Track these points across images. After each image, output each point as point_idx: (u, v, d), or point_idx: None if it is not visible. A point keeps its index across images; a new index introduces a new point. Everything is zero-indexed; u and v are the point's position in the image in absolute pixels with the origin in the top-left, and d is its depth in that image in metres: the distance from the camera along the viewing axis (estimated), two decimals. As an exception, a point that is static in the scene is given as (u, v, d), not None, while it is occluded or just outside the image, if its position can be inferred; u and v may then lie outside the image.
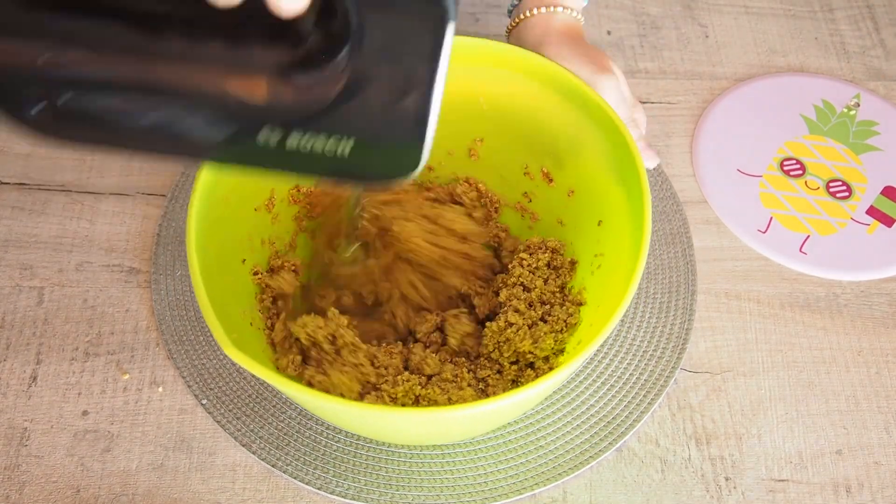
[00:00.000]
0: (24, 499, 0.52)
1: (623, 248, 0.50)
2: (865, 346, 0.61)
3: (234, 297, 0.50)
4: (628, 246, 0.49)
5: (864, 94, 0.74)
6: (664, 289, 0.62)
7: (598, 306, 0.51)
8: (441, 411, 0.42)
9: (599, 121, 0.53)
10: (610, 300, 0.48)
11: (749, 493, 0.54)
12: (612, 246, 0.52)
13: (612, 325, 0.44)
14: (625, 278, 0.47)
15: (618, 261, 0.50)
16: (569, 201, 0.57)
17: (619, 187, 0.52)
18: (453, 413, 0.42)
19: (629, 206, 0.50)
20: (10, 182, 0.66)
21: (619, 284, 0.47)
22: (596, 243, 0.54)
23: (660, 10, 0.80)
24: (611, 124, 0.52)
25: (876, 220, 0.67)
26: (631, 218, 0.50)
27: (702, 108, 0.73)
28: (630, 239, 0.49)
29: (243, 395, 0.56)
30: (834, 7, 0.81)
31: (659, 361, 0.58)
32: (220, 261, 0.49)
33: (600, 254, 0.53)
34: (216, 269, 0.47)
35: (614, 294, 0.47)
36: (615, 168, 0.52)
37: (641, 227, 0.48)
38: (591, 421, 0.56)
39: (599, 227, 0.54)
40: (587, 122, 0.54)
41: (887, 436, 0.57)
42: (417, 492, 0.53)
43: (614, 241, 0.52)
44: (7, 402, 0.56)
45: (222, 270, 0.49)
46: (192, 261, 0.45)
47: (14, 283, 0.61)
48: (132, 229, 0.64)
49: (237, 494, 0.53)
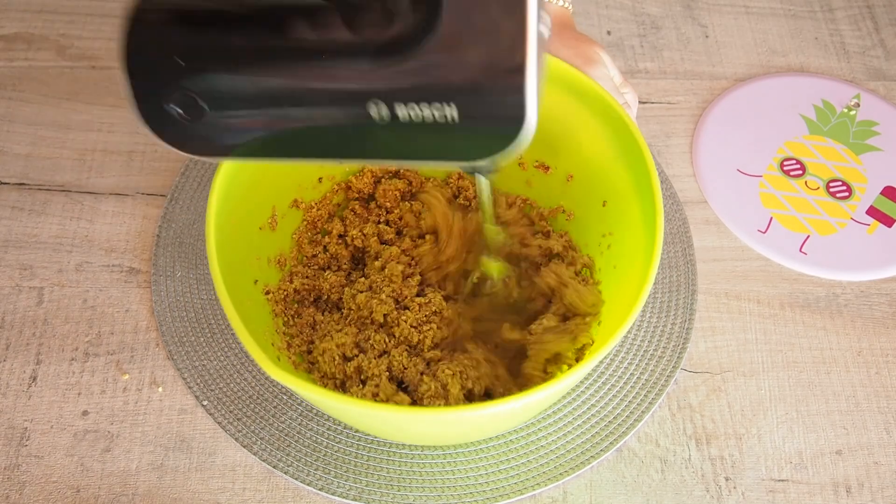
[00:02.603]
0: (24, 499, 0.52)
1: (634, 231, 0.51)
2: (865, 346, 0.61)
3: (256, 318, 0.51)
4: (640, 230, 0.50)
5: (864, 94, 0.74)
6: (664, 289, 0.62)
7: (613, 291, 0.51)
8: (444, 412, 0.42)
9: (596, 108, 0.53)
10: (624, 294, 0.48)
11: (749, 493, 0.54)
12: (620, 226, 0.53)
13: (633, 318, 0.44)
14: (639, 278, 0.47)
15: (629, 243, 0.51)
16: (568, 186, 0.58)
17: (623, 171, 0.52)
18: (457, 414, 0.42)
19: (636, 188, 0.51)
20: (10, 182, 0.66)
21: (632, 279, 0.48)
22: (602, 223, 0.55)
23: (660, 10, 0.80)
24: (609, 110, 0.52)
25: (876, 220, 0.67)
26: (639, 198, 0.50)
27: (702, 108, 0.73)
28: (642, 225, 0.50)
29: (244, 397, 0.56)
30: (834, 7, 0.81)
31: (659, 362, 0.58)
32: (237, 280, 0.49)
33: (609, 233, 0.54)
34: (238, 292, 0.48)
35: (628, 286, 0.48)
36: (618, 153, 0.52)
37: (654, 225, 0.48)
38: (592, 421, 0.56)
39: (604, 207, 0.54)
40: (584, 110, 0.54)
41: (887, 436, 0.57)
42: (419, 492, 0.53)
43: (623, 221, 0.52)
44: (7, 402, 0.56)
45: (240, 291, 0.49)
46: (218, 283, 0.45)
47: (14, 284, 0.61)
48: (132, 229, 0.64)
49: (237, 494, 0.53)
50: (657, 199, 0.48)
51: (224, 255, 0.47)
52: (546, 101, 0.55)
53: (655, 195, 0.48)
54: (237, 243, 0.50)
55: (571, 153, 0.56)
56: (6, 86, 0.71)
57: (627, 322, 0.44)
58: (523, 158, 0.59)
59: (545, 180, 0.59)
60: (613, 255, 0.54)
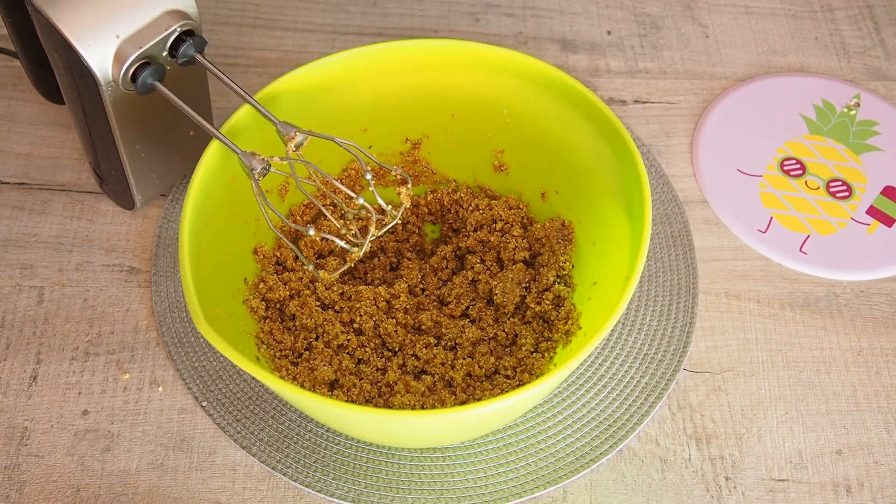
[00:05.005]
0: (24, 498, 0.52)
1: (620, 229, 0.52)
2: (865, 346, 0.61)
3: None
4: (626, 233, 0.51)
5: (864, 94, 0.74)
6: (665, 291, 0.62)
7: (602, 287, 0.52)
8: (422, 416, 0.42)
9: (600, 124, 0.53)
10: (611, 290, 0.49)
11: (749, 492, 0.55)
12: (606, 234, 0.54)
13: (619, 313, 0.45)
14: (624, 273, 0.47)
15: (615, 248, 0.52)
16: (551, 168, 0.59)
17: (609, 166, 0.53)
18: (438, 417, 0.42)
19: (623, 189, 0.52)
20: (10, 182, 0.66)
21: (621, 268, 0.49)
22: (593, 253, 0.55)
23: (660, 10, 0.80)
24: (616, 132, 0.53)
25: (876, 220, 0.67)
26: (626, 204, 0.51)
27: (702, 108, 0.73)
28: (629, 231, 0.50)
29: (243, 398, 0.56)
30: (834, 7, 0.81)
31: (660, 364, 0.58)
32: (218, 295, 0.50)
33: (595, 242, 0.55)
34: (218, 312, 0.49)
35: (615, 284, 0.48)
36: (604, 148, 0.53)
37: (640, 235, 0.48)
38: (592, 424, 0.56)
39: (594, 246, 0.55)
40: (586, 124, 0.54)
41: (887, 436, 0.57)
42: (418, 494, 0.53)
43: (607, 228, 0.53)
44: (7, 402, 0.56)
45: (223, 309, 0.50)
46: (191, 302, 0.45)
47: (14, 283, 0.61)
48: (132, 229, 0.64)
49: (237, 494, 0.53)
50: (646, 199, 0.49)
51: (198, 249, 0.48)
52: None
53: (644, 196, 0.49)
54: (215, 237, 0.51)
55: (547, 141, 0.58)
56: (6, 85, 0.71)
57: (612, 318, 0.44)
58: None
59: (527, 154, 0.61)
60: (601, 258, 0.54)
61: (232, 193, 0.53)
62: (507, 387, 0.53)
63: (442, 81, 0.58)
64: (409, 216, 0.62)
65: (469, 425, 0.48)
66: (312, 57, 0.64)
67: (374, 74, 0.57)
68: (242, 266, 0.55)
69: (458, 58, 0.56)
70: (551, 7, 0.79)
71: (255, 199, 0.49)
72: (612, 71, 0.75)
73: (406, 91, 0.58)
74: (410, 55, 0.56)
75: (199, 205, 0.49)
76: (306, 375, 0.53)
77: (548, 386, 0.43)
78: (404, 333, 0.56)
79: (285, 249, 0.58)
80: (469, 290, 0.58)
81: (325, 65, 0.55)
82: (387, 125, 0.60)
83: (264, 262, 0.56)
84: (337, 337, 0.55)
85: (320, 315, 0.55)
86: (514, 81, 0.56)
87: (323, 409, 0.44)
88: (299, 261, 0.57)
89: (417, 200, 0.62)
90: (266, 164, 0.49)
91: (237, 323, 0.52)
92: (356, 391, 0.53)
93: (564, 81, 0.55)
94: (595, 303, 0.52)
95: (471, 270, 0.59)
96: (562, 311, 0.54)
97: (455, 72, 0.57)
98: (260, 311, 0.54)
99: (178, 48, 0.52)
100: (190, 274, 0.46)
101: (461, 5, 0.79)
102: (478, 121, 0.59)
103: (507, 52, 0.55)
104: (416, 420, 0.43)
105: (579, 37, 0.77)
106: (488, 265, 0.59)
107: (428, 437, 0.50)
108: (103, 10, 0.50)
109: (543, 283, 0.56)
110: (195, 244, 0.48)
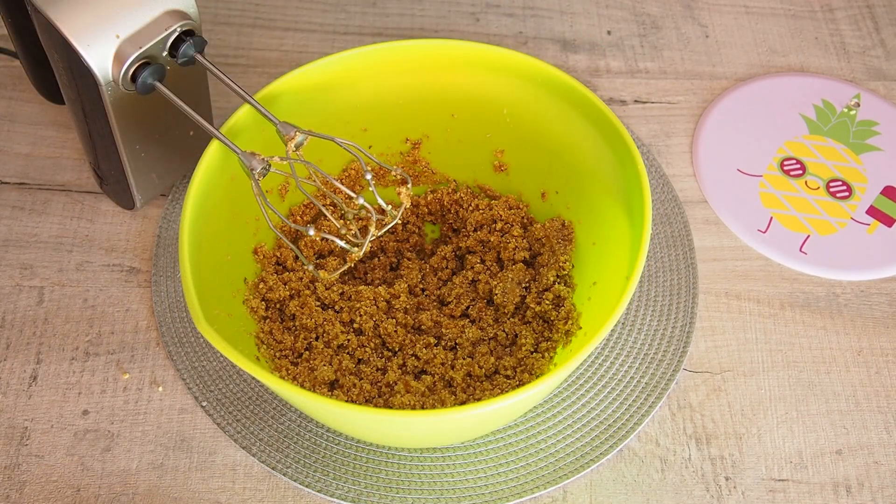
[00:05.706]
0: (24, 498, 0.52)
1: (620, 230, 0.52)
2: (865, 346, 0.61)
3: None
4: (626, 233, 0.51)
5: (864, 94, 0.74)
6: (665, 291, 0.62)
7: (601, 287, 0.52)
8: (422, 416, 0.42)
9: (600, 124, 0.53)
10: (611, 290, 0.49)
11: (749, 492, 0.55)
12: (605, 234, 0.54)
13: (619, 313, 0.45)
14: (624, 270, 0.47)
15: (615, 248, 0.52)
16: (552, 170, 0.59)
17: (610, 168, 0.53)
18: (437, 417, 0.42)
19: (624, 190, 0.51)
20: (10, 182, 0.66)
21: (621, 267, 0.49)
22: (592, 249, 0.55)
23: (660, 10, 0.80)
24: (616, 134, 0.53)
25: (876, 220, 0.67)
26: (626, 207, 0.51)
27: (702, 108, 0.73)
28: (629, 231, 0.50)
29: (243, 398, 0.56)
30: (834, 7, 0.81)
31: (660, 364, 0.58)
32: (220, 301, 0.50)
33: (595, 242, 0.55)
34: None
35: (615, 284, 0.48)
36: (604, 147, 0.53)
37: (640, 238, 0.48)
38: (592, 424, 0.56)
39: (594, 246, 0.55)
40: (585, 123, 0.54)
41: (887, 436, 0.57)
42: (418, 494, 0.53)
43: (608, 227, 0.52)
44: (7, 402, 0.56)
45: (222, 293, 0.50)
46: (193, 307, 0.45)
47: (14, 283, 0.61)
48: (132, 229, 0.64)
49: (237, 494, 0.53)
50: (646, 202, 0.49)
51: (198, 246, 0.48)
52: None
53: (645, 198, 0.49)
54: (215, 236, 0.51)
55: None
56: (6, 85, 0.71)
57: (610, 321, 0.44)
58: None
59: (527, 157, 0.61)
60: (601, 258, 0.54)
61: (232, 193, 0.53)
62: (507, 387, 0.53)
63: (442, 81, 0.58)
64: (409, 216, 0.62)
65: (469, 425, 0.48)
66: (312, 57, 0.64)
67: (373, 74, 0.57)
68: (242, 266, 0.55)
69: (458, 58, 0.56)
70: (551, 7, 0.79)
71: (255, 199, 0.49)
72: (612, 71, 0.75)
73: (406, 91, 0.58)
74: (410, 55, 0.56)
75: (199, 205, 0.49)
76: (306, 375, 0.53)
77: (548, 386, 0.43)
78: (404, 333, 0.56)
79: (285, 249, 0.58)
80: (469, 290, 0.58)
81: (325, 65, 0.55)
82: (387, 125, 0.60)
83: (264, 262, 0.57)
84: (337, 337, 0.55)
85: (320, 315, 0.55)
86: (513, 81, 0.56)
87: (323, 409, 0.44)
88: (299, 261, 0.57)
89: (417, 200, 0.62)
90: (266, 164, 0.49)
91: (237, 323, 0.52)
92: (356, 391, 0.53)
93: (564, 81, 0.55)
94: (595, 303, 0.52)
95: (471, 270, 0.59)
96: (562, 311, 0.54)
97: (455, 72, 0.57)
98: (260, 311, 0.54)
99: (178, 48, 0.52)
100: (190, 274, 0.46)
101: (461, 5, 0.79)
102: (478, 121, 0.59)
103: (507, 52, 0.55)
104: (415, 420, 0.43)
105: (579, 37, 0.77)
106: (488, 265, 0.59)
107: (428, 437, 0.50)
108: (103, 10, 0.50)
109: (543, 283, 0.56)
110: (195, 244, 0.48)
